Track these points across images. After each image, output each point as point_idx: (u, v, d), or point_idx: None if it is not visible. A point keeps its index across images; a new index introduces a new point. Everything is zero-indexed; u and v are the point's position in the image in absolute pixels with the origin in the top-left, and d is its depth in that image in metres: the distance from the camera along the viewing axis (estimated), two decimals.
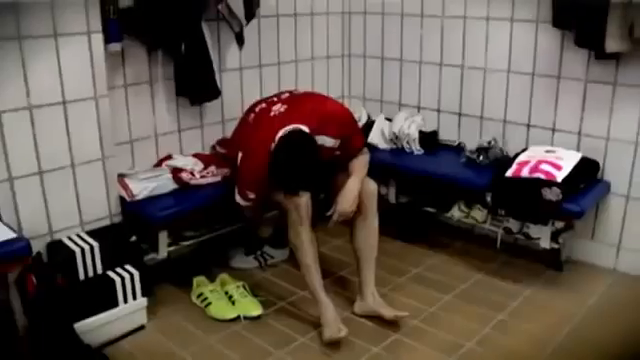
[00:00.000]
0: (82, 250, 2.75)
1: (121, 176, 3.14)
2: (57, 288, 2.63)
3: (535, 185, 3.10)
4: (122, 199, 3.09)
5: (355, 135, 3.15)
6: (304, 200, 2.86)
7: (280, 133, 2.86)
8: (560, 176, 3.13)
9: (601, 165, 3.38)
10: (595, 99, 3.34)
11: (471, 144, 3.76)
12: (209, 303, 3.04)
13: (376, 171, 3.35)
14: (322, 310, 2.87)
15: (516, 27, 3.56)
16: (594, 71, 3.30)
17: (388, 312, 2.92)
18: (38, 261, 2.69)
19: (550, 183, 3.09)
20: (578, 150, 3.41)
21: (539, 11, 3.41)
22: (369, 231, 3.03)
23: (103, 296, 2.76)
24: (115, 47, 3.00)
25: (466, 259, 3.60)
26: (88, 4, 2.76)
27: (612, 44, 2.97)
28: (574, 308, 3.07)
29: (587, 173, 3.31)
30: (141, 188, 3.11)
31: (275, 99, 3.14)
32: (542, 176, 3.13)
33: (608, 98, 3.29)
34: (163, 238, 3.12)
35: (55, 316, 2.56)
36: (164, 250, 3.15)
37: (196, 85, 3.36)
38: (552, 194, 3.05)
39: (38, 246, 2.74)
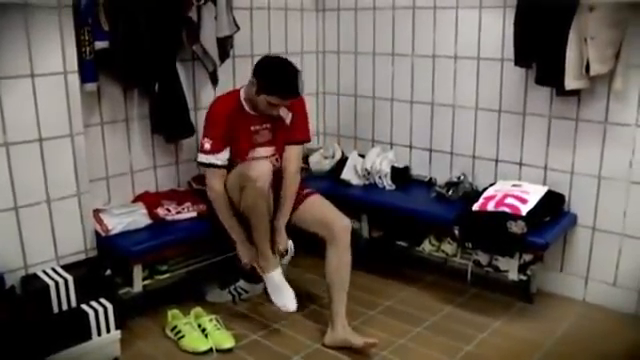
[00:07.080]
0: (56, 283, 2.79)
1: (96, 211, 3.21)
2: (29, 321, 2.65)
3: (501, 218, 3.17)
4: (97, 234, 3.14)
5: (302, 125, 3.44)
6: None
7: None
8: (525, 209, 3.20)
9: (567, 198, 3.45)
10: (559, 134, 3.43)
11: (442, 179, 3.84)
12: (182, 336, 3.07)
13: (349, 206, 3.44)
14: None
15: (482, 65, 3.66)
16: (557, 108, 3.40)
17: (357, 340, 2.96)
18: (11, 294, 2.72)
19: (515, 217, 3.16)
20: (544, 184, 3.49)
21: (503, 50, 3.49)
22: (341, 264, 3.09)
23: (77, 329, 2.78)
24: (91, 87, 3.08)
25: (437, 292, 3.64)
26: (65, 46, 2.84)
27: (571, 82, 3.08)
28: (543, 339, 3.11)
29: (552, 206, 3.37)
30: (116, 223, 3.16)
31: None
32: (508, 210, 3.21)
33: (571, 133, 3.38)
34: (138, 272, 3.15)
35: (27, 349, 2.58)
36: (139, 284, 3.18)
37: (171, 123, 3.44)
38: (517, 227, 3.12)
39: (12, 280, 2.78)
